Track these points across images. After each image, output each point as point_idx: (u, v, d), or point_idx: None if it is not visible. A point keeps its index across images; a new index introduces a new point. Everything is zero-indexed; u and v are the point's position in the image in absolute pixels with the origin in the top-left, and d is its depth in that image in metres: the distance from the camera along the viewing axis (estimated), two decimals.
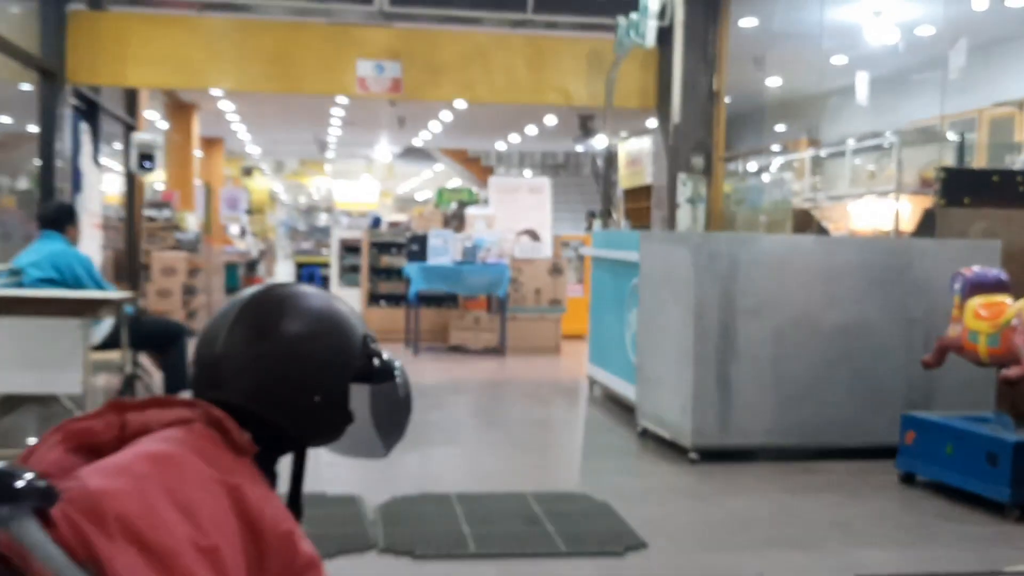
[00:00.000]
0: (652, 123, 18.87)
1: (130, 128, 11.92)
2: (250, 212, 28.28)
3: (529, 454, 6.54)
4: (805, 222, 9.61)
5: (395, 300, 12.59)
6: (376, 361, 1.80)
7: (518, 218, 12.07)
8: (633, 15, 7.98)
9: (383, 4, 8.90)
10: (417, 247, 11.44)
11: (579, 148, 25.35)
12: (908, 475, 5.60)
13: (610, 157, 27.11)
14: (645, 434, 6.70)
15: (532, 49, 9.58)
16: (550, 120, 18.62)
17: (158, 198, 14.92)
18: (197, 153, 24.89)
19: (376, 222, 23.11)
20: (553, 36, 9.68)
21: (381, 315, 12.61)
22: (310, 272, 21.29)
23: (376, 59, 9.10)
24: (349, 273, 13.06)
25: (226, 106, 17.65)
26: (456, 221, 16.28)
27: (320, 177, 33.25)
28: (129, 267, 11.89)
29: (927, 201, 8.58)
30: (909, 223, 9.06)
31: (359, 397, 1.78)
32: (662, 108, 9.47)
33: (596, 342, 8.56)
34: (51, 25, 8.61)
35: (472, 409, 8.16)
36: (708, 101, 9.47)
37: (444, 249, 11.17)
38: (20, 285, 6.25)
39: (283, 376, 1.70)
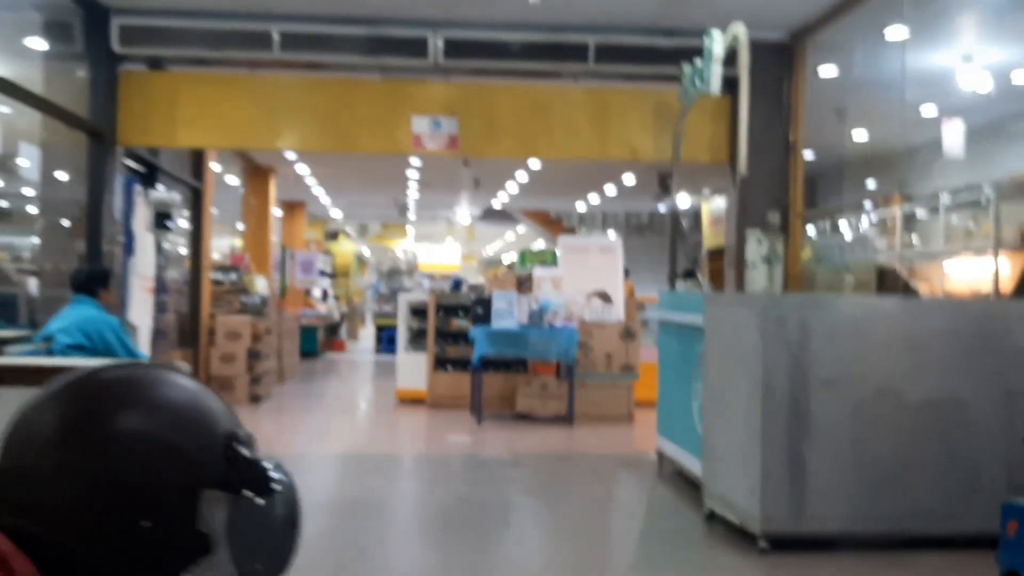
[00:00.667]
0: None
1: (196, 192, 11.80)
2: (333, 275, 28.33)
3: (585, 543, 5.96)
4: (892, 282, 8.90)
5: (463, 365, 12.14)
6: (244, 468, 1.28)
7: (588, 279, 11.57)
8: (698, 61, 7.49)
9: (438, 58, 8.57)
10: (482, 310, 11.00)
11: (661, 207, 24.80)
12: (1010, 572, 4.86)
13: (695, 216, 26.52)
14: (712, 517, 6.07)
15: (594, 102, 9.14)
16: (628, 179, 18.14)
17: (228, 262, 14.82)
18: (277, 212, 25.11)
19: (456, 285, 22.82)
20: (616, 88, 9.22)
21: (447, 381, 12.16)
22: (390, 335, 20.98)
23: (432, 115, 8.76)
24: (417, 338, 12.70)
25: (302, 169, 17.59)
26: (528, 283, 15.88)
27: (403, 240, 33.23)
28: (191, 331, 11.69)
29: None
30: (1009, 283, 8.29)
31: (217, 518, 1.26)
32: (734, 162, 8.92)
33: (664, 412, 7.96)
34: (102, 86, 8.49)
35: (530, 486, 7.61)
36: (784, 154, 8.89)
37: (509, 312, 10.71)
38: (50, 352, 5.96)
39: (95, 492, 1.21)
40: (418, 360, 12.47)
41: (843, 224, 12.18)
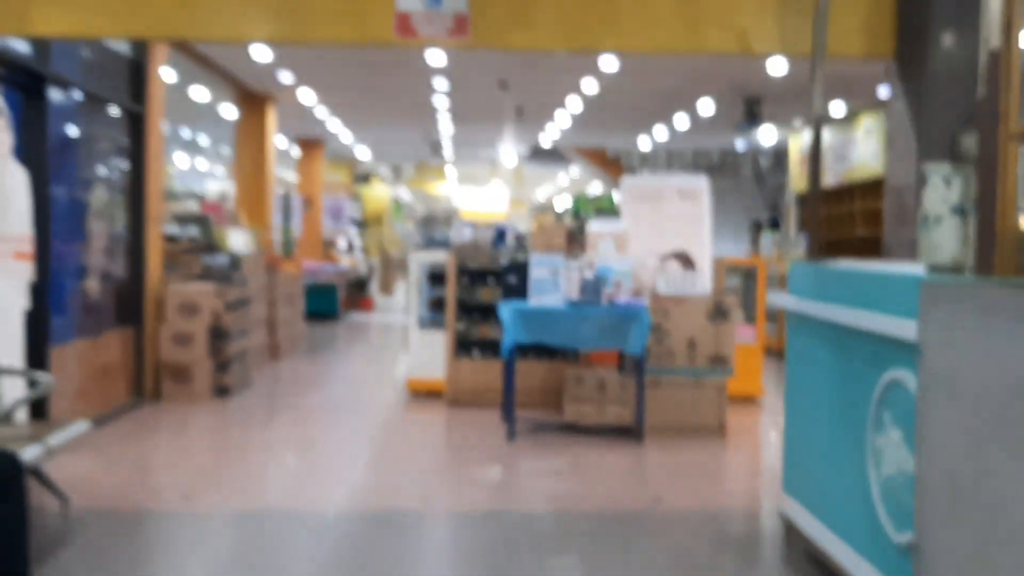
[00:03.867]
0: (839, 108, 14.89)
1: (134, 117, 8.80)
2: (363, 224, 25.39)
3: None
4: None
5: (493, 349, 9.12)
6: None
7: (663, 236, 8.44)
8: None
9: None
10: (515, 279, 7.92)
11: (739, 144, 21.41)
12: None
13: (775, 155, 23.05)
14: None
15: None
16: (706, 107, 14.83)
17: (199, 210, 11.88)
18: (285, 150, 22.03)
19: (500, 236, 19.80)
20: None
21: (473, 370, 9.14)
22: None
23: None
24: (436, 311, 9.72)
25: (307, 97, 14.55)
26: (581, 240, 12.74)
27: (443, 183, 30.14)
28: (131, 304, 8.78)
29: None
30: None
31: None
32: (905, 58, 5.70)
33: (796, 461, 4.88)
34: None
35: None
36: (979, 45, 5.66)
37: (552, 283, 7.62)
38: None
39: None
40: (436, 341, 9.47)
41: None
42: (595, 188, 32.69)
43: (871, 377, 3.88)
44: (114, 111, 8.52)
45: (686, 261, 8.42)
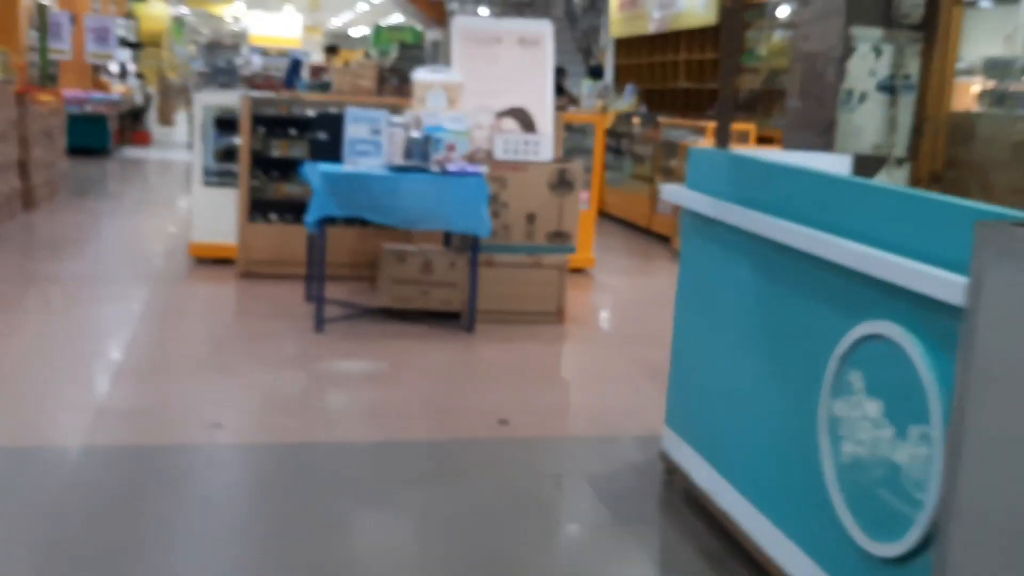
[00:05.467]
0: None
1: None
2: (138, 45, 22.69)
3: None
4: None
5: (295, 212, 7.79)
6: None
7: (499, 91, 7.22)
8: None
9: None
10: (326, 135, 6.56)
11: None
12: None
13: None
14: None
15: None
16: None
17: None
18: None
19: (295, 67, 17.90)
20: None
21: (270, 237, 7.79)
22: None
23: None
24: (224, 162, 8.21)
25: None
26: (396, 83, 11.29)
27: (230, 6, 27.39)
28: None
29: None
30: None
31: None
32: None
33: (688, 392, 3.96)
34: None
35: (394, 526, 3.51)
36: None
37: (372, 144, 6.31)
38: None
39: None
40: (225, 199, 8.02)
41: None
42: (395, 19, 30.67)
43: (832, 322, 2.91)
44: None
45: (526, 121, 7.26)
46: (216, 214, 8.03)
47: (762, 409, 3.33)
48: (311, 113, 7.73)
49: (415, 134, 6.49)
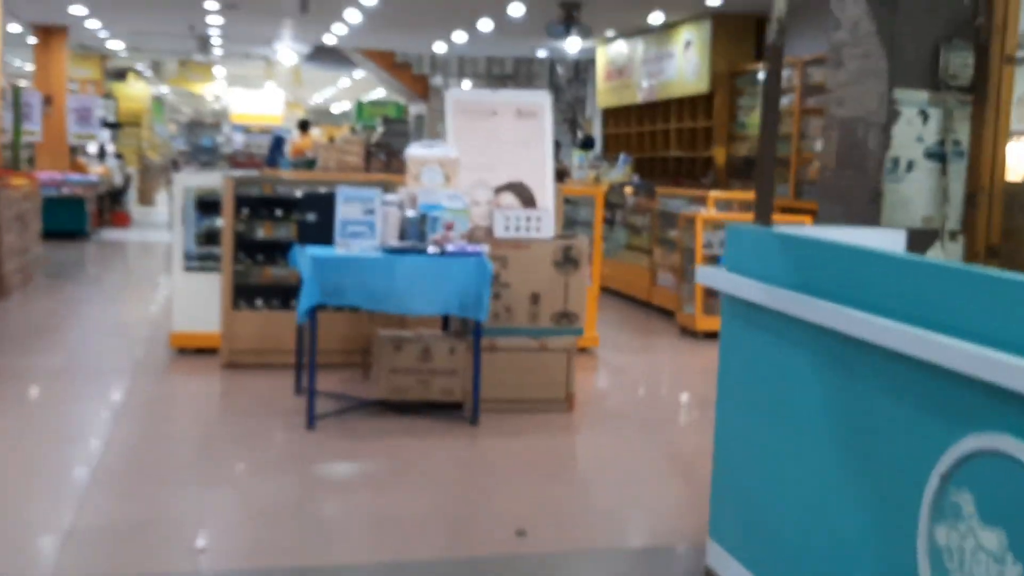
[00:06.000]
0: (657, 18, 13.48)
1: None
2: (117, 125, 22.37)
3: None
4: None
5: (283, 296, 7.34)
6: None
7: (496, 164, 6.84)
8: None
9: None
10: (315, 215, 6.14)
11: (541, 51, 19.95)
12: None
13: (575, 66, 21.72)
14: None
15: None
16: (516, 9, 13.19)
17: None
18: (20, 33, 18.75)
19: (278, 144, 17.57)
20: None
21: (256, 324, 7.33)
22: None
23: None
24: (206, 245, 7.76)
25: None
26: (384, 158, 10.92)
27: (211, 84, 27.20)
28: None
29: None
30: None
31: None
32: None
33: (738, 500, 3.49)
34: None
35: None
36: None
37: (366, 225, 5.88)
38: None
39: None
40: (207, 285, 7.56)
41: None
42: (377, 94, 30.57)
43: (930, 432, 2.46)
44: None
45: (525, 196, 6.87)
46: (198, 301, 7.57)
47: (839, 531, 2.87)
48: (298, 193, 7.32)
49: (410, 213, 6.09)
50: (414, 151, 6.44)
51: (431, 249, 5.87)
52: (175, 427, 5.94)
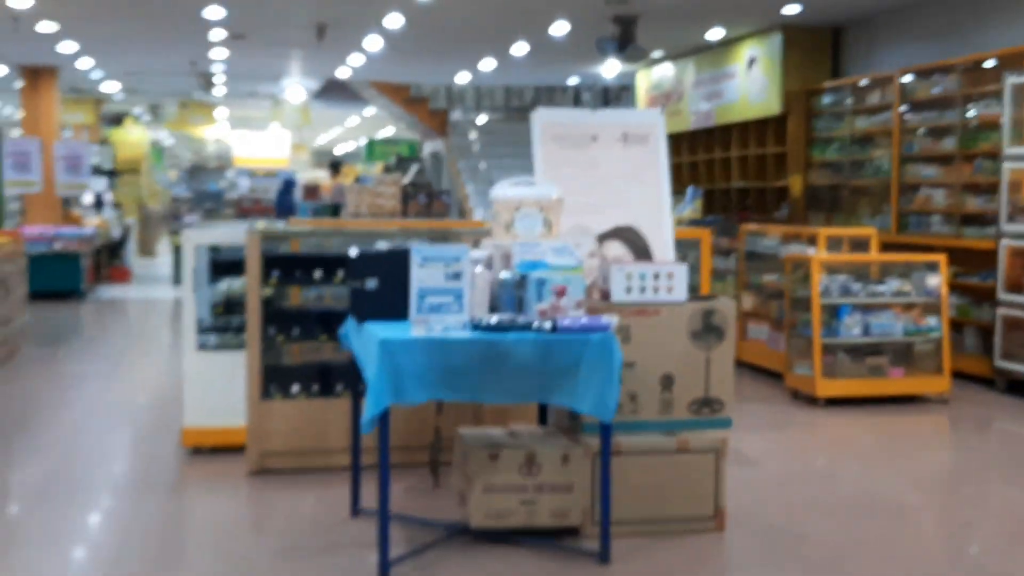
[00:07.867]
0: (716, 34, 11.96)
1: None
2: (114, 173, 20.87)
3: None
4: None
5: (324, 378, 5.75)
6: None
7: (600, 205, 5.27)
8: None
9: None
10: (380, 277, 4.55)
11: (572, 79, 18.49)
12: None
13: (603, 91, 20.22)
14: None
15: None
16: (560, 28, 11.69)
17: None
18: (4, 75, 17.28)
19: (288, 188, 15.97)
20: None
21: (293, 416, 5.72)
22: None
23: None
24: (224, 316, 6.18)
25: (24, 4, 10.42)
26: (424, 200, 9.31)
27: (212, 126, 25.73)
28: None
29: None
30: None
31: None
32: None
33: None
34: None
35: None
36: None
37: (453, 295, 4.27)
38: None
39: None
40: (228, 367, 5.95)
41: None
42: (386, 132, 29.14)
43: None
44: None
45: (637, 244, 5.30)
46: (216, 387, 5.97)
47: None
48: (344, 247, 5.70)
49: (504, 274, 4.51)
50: (504, 192, 4.85)
51: (538, 323, 4.27)
52: None
